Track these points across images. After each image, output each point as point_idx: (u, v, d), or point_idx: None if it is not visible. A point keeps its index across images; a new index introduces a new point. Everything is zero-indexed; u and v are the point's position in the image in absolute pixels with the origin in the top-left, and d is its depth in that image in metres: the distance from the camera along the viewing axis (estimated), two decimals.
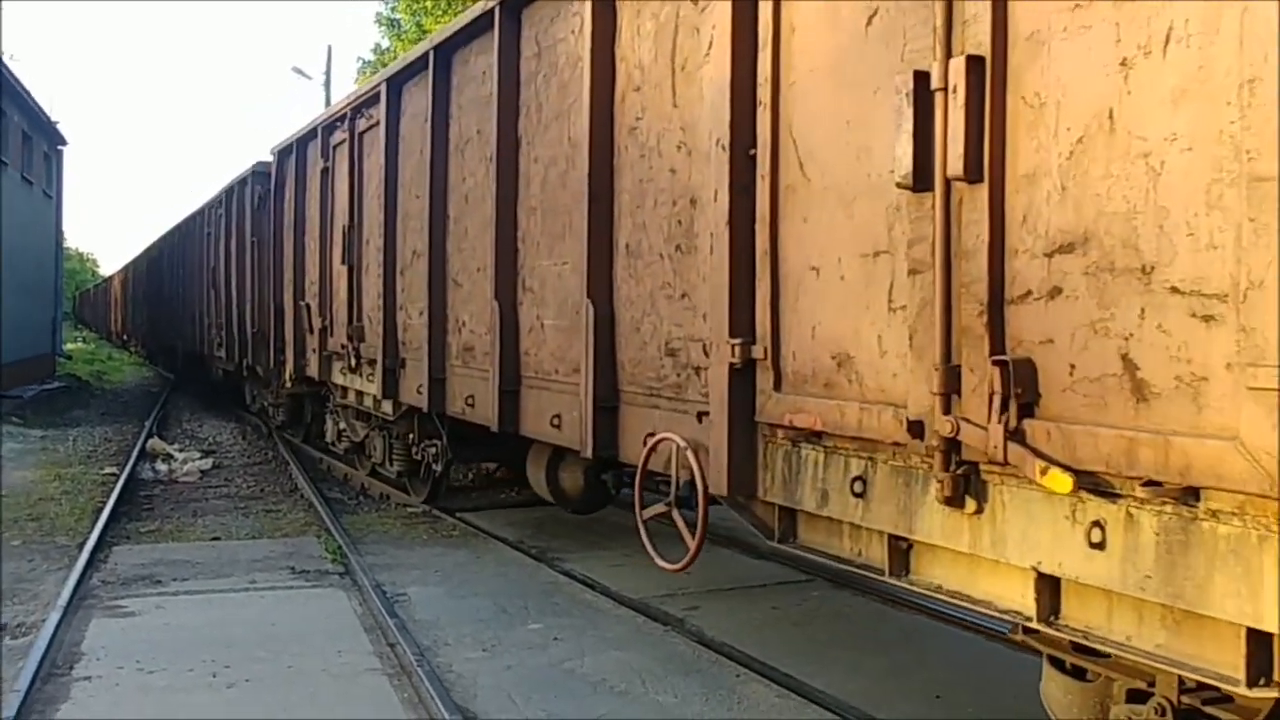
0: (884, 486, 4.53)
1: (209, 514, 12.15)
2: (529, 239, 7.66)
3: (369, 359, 11.22)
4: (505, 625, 7.69)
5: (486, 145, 8.28)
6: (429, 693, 6.08)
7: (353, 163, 11.68)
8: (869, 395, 4.56)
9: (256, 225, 16.88)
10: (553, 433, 7.27)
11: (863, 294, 4.58)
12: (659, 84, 6.08)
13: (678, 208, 5.90)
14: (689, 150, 5.80)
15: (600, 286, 6.59)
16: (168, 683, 6.40)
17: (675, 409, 5.97)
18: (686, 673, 6.67)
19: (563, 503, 8.48)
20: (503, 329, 7.84)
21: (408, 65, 9.89)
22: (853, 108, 4.63)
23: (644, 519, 6.12)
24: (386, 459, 12.23)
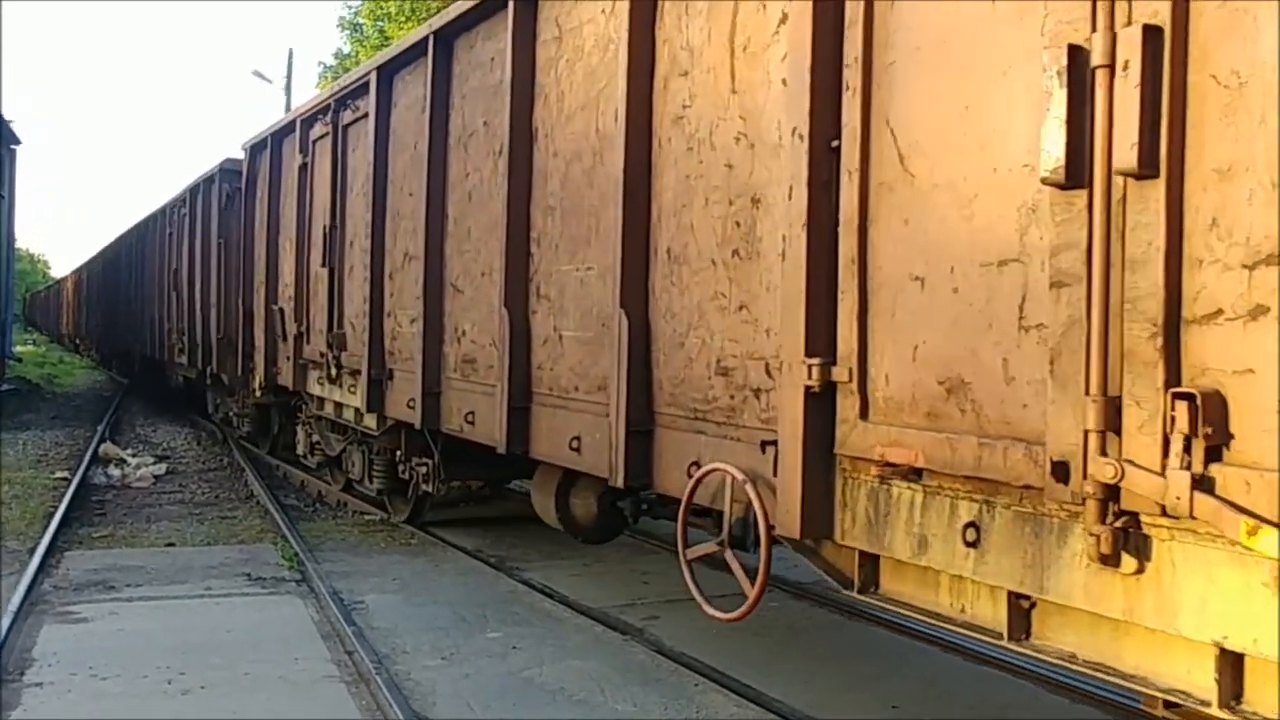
0: (1005, 536, 3.84)
1: (163, 520, 12.01)
2: (545, 241, 6.92)
3: (351, 369, 10.40)
4: (464, 633, 7.67)
5: (496, 138, 7.53)
6: (387, 700, 6.05)
7: (335, 158, 10.86)
8: (989, 428, 3.87)
9: (224, 225, 15.97)
10: (571, 457, 6.54)
11: (984, 310, 3.89)
12: (713, 67, 5.37)
13: (735, 207, 5.19)
14: (751, 142, 5.09)
15: (635, 296, 5.87)
16: (122, 689, 6.33)
17: (726, 435, 5.26)
18: (645, 682, 6.70)
19: (573, 531, 7.74)
20: (513, 340, 7.09)
21: (402, 52, 9.12)
22: (974, 91, 3.94)
23: (688, 559, 5.40)
24: (366, 475, 11.44)
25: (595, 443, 6.27)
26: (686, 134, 5.56)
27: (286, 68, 35.69)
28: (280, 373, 13.07)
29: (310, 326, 11.84)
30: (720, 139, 5.30)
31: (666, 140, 5.73)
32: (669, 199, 5.69)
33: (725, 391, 5.26)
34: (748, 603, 4.97)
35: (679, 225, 5.60)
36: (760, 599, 4.94)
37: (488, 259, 7.64)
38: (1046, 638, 3.91)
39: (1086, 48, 3.41)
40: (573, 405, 6.58)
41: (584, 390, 6.45)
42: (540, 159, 6.99)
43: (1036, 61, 3.67)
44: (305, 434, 13.53)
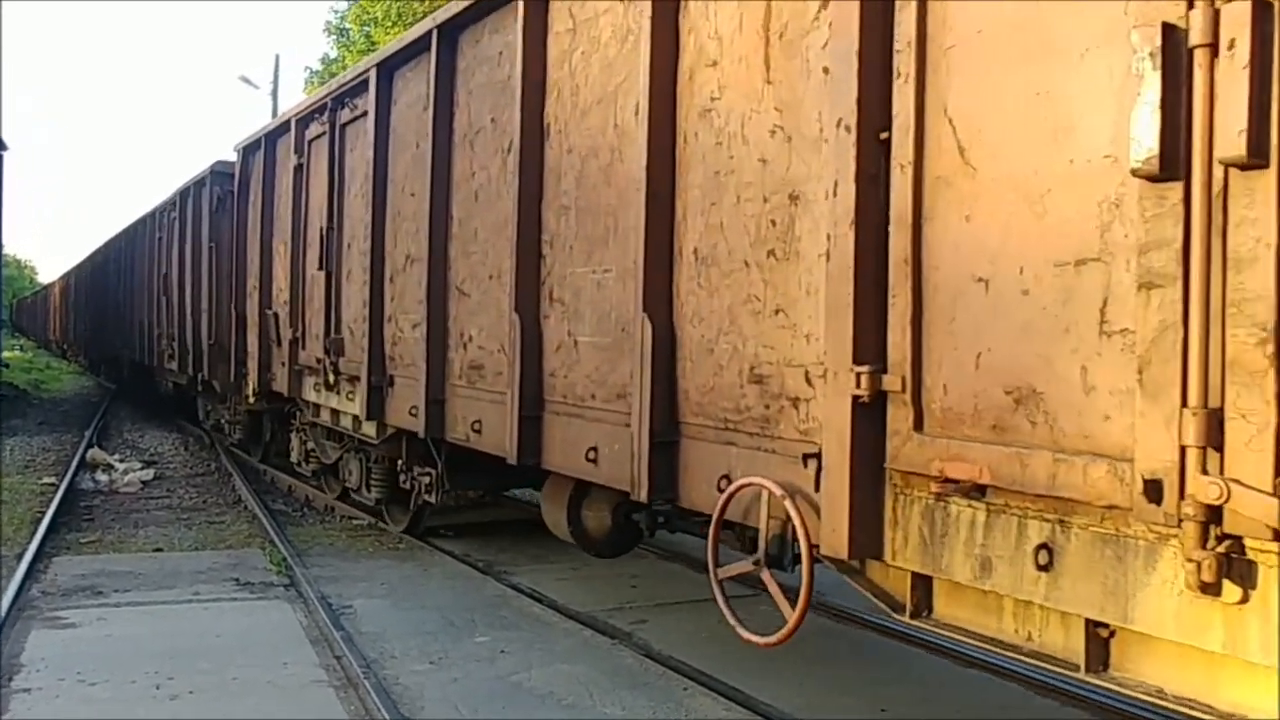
0: (1082, 559, 3.52)
1: (151, 525, 11.93)
2: (559, 242, 6.58)
3: (350, 375, 10.04)
4: (452, 638, 7.62)
5: (504, 135, 7.19)
6: (375, 705, 6.01)
7: (333, 158, 10.48)
8: (1065, 442, 3.55)
9: (215, 229, 15.56)
10: (588, 468, 6.19)
11: (1059, 313, 3.56)
12: (745, 57, 5.04)
13: (770, 205, 4.85)
14: (788, 135, 4.76)
15: (658, 299, 5.53)
16: (110, 695, 6.28)
17: (760, 447, 4.93)
18: (634, 686, 6.66)
19: (586, 545, 7.39)
20: (524, 346, 6.74)
21: (403, 48, 8.75)
22: (1046, 76, 3.62)
23: (720, 579, 5.07)
24: (364, 484, 11.07)
25: (614, 454, 5.93)
26: (715, 128, 5.22)
27: (273, 73, 35.26)
28: (275, 379, 12.68)
29: (306, 331, 11.46)
30: (753, 132, 4.97)
31: (693, 135, 5.39)
32: (695, 196, 5.36)
33: (759, 401, 4.93)
34: (788, 626, 4.65)
35: (707, 224, 5.27)
36: (802, 622, 4.61)
37: (496, 261, 7.29)
38: (1127, 669, 3.59)
39: (1183, 26, 3.09)
40: (589, 414, 6.24)
41: (601, 399, 6.12)
42: (553, 156, 6.65)
43: (1119, 43, 3.36)
44: (300, 441, 13.17)
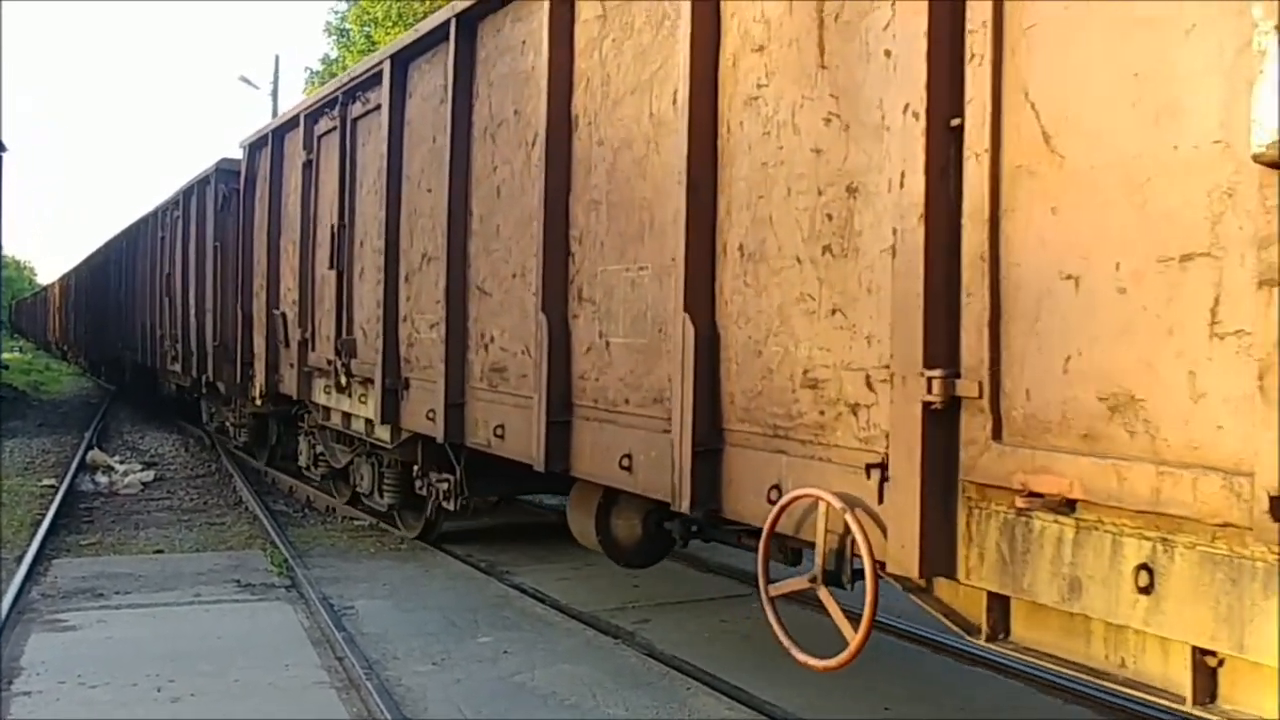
0: (1189, 581, 3.22)
1: (152, 526, 11.82)
2: (588, 239, 6.27)
3: (362, 378, 9.73)
4: (455, 638, 7.58)
5: (529, 127, 6.88)
6: (378, 706, 6.00)
7: (344, 153, 10.16)
8: (1169, 454, 3.25)
9: (220, 228, 15.26)
10: (622, 476, 5.89)
11: (1162, 313, 3.26)
12: (796, 40, 4.73)
13: (825, 198, 4.55)
14: (845, 124, 4.46)
15: (700, 298, 5.22)
16: (111, 697, 6.23)
17: (814, 456, 4.63)
18: (637, 685, 6.64)
19: (615, 555, 7.09)
20: (551, 348, 6.43)
21: (419, 38, 8.43)
22: (1146, 55, 3.32)
23: (771, 595, 4.77)
24: (375, 489, 10.78)
25: (651, 461, 5.63)
26: (762, 116, 4.92)
27: (273, 74, 34.98)
28: (282, 381, 12.37)
29: (316, 332, 11.14)
30: (805, 121, 4.67)
31: (737, 124, 5.09)
32: (741, 189, 5.05)
33: (814, 407, 4.62)
34: (850, 649, 4.33)
35: (754, 219, 4.96)
36: (865, 644, 4.30)
37: (520, 259, 6.99)
38: (1238, 701, 3.29)
39: None
40: (622, 420, 5.94)
41: (636, 403, 5.82)
42: (581, 149, 6.35)
43: (1231, 17, 3.06)
44: (309, 445, 12.88)
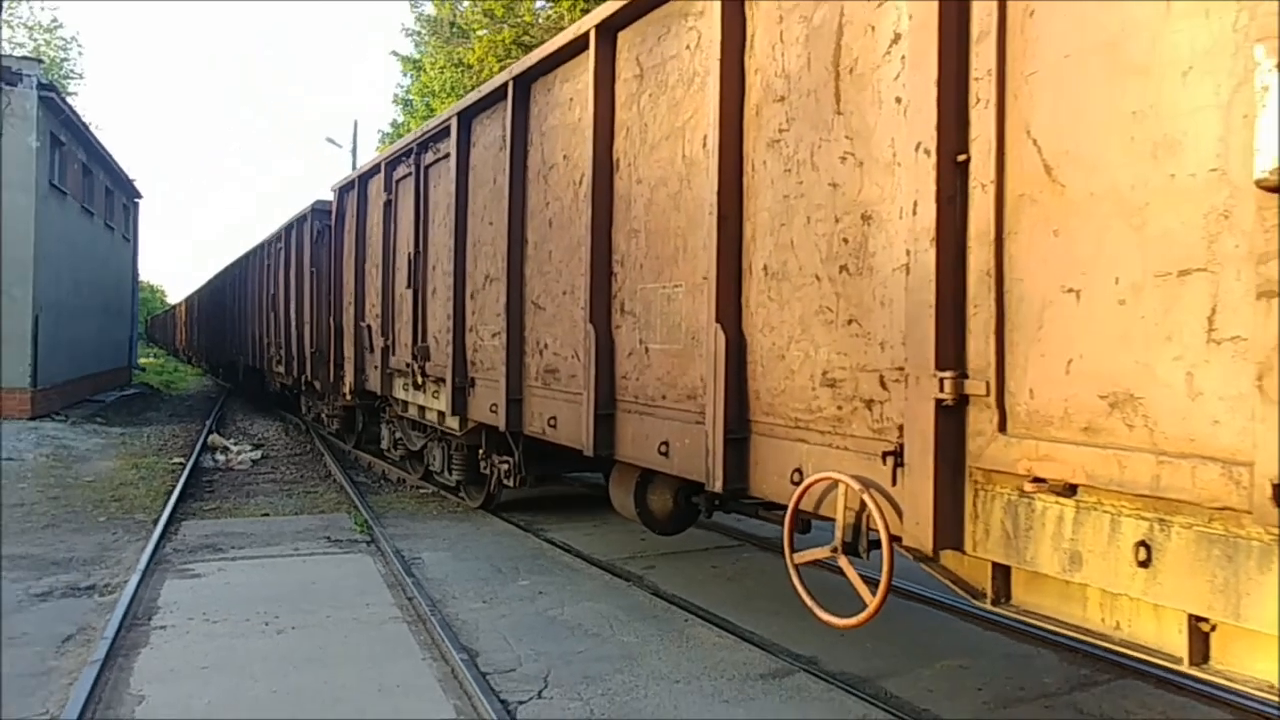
0: (1186, 557, 2.91)
1: (259, 495, 11.70)
2: (629, 262, 5.96)
3: (436, 377, 9.42)
4: (500, 582, 7.55)
5: (576, 169, 6.57)
6: (440, 636, 5.99)
7: (418, 194, 9.86)
8: (1168, 446, 2.93)
9: (315, 257, 14.93)
10: (660, 460, 5.58)
11: (1160, 322, 2.95)
12: (813, 91, 4.41)
13: (841, 225, 4.23)
14: (859, 161, 4.14)
15: (729, 310, 4.91)
16: (229, 630, 6.25)
17: (832, 444, 4.31)
18: (645, 618, 6.62)
19: (650, 524, 6.77)
20: (598, 353, 6.12)
21: (481, 98, 8.13)
22: (1144, 95, 3.00)
23: (796, 563, 4.44)
24: (445, 468, 10.46)
25: (686, 448, 5.32)
26: (784, 156, 4.60)
27: (353, 135, 34.76)
28: (368, 380, 12.07)
29: (396, 340, 10.84)
30: (823, 160, 4.35)
31: (761, 163, 4.77)
32: (764, 219, 4.73)
33: (832, 402, 4.31)
34: (870, 609, 4.01)
35: (777, 243, 4.64)
36: (882, 606, 3.99)
37: (569, 279, 6.68)
38: (1229, 663, 2.98)
39: None
40: (659, 412, 5.63)
41: (672, 399, 5.50)
42: (622, 186, 6.03)
43: (1225, 59, 2.75)
44: (389, 432, 12.56)
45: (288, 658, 5.73)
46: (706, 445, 4.98)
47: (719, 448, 4.88)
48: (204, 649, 5.84)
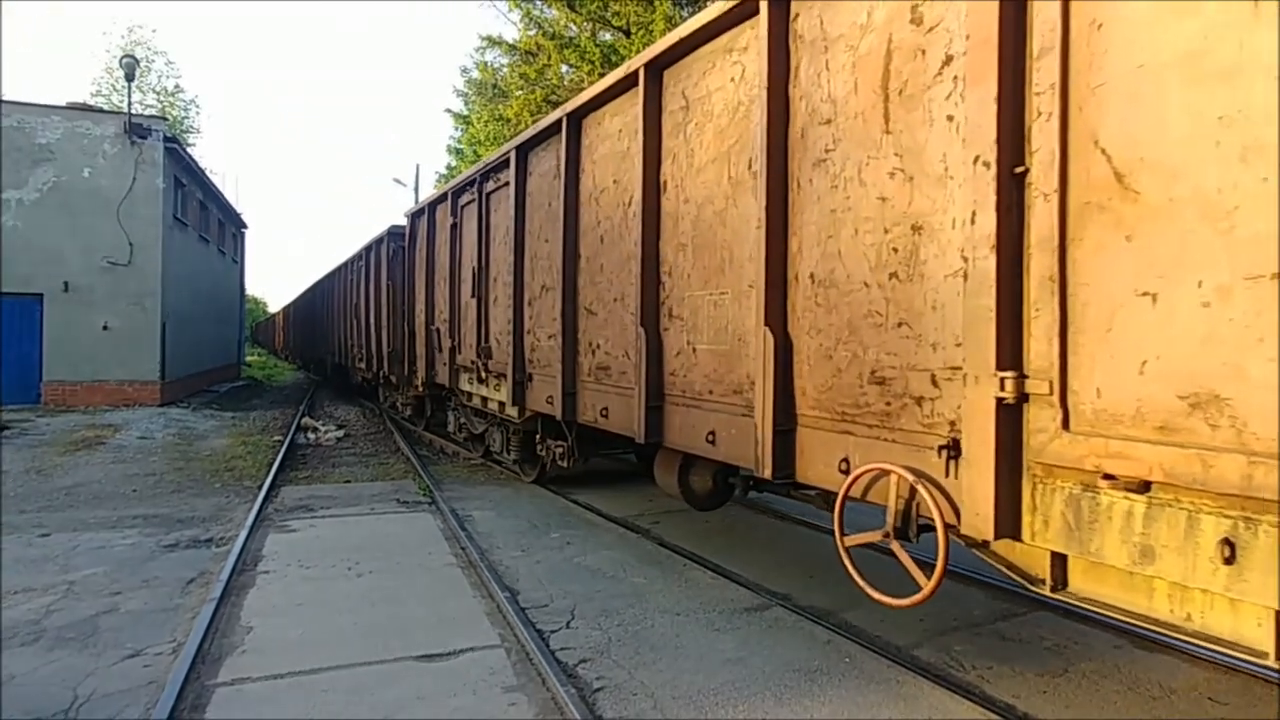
0: (1274, 556, 2.36)
1: (342, 465, 11.53)
2: (676, 272, 5.40)
3: (497, 373, 8.88)
4: (535, 536, 7.44)
5: (625, 192, 6.01)
6: (488, 578, 5.96)
7: (481, 217, 9.29)
8: (1258, 446, 2.38)
9: (391, 272, 14.36)
10: (706, 447, 5.02)
11: (1251, 324, 2.39)
12: (861, 114, 3.86)
13: (891, 235, 3.68)
14: (909, 176, 3.58)
15: (776, 315, 4.36)
16: (319, 574, 6.21)
17: (879, 437, 3.76)
18: (652, 564, 6.53)
19: (691, 501, 6.23)
20: (649, 352, 5.57)
21: (536, 134, 7.57)
22: (1232, 100, 2.44)
23: (846, 546, 3.89)
24: (504, 449, 9.92)
25: (732, 437, 4.77)
26: (830, 174, 4.04)
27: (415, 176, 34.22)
28: (437, 374, 11.50)
29: (461, 341, 10.27)
30: (871, 176, 3.79)
31: (806, 181, 4.21)
32: (811, 231, 4.17)
33: (880, 399, 3.75)
34: (925, 590, 3.47)
35: (824, 253, 4.08)
36: (937, 589, 3.44)
37: (619, 288, 6.12)
38: None
39: None
40: (706, 405, 5.08)
41: (718, 393, 4.95)
42: (670, 205, 5.47)
43: None
44: (455, 418, 12.01)
45: (366, 596, 5.68)
46: (755, 436, 4.43)
47: (768, 438, 4.33)
48: (299, 589, 5.79)
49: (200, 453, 12.55)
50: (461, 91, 30.17)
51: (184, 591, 5.74)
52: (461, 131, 31.39)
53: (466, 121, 30.03)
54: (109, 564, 6.36)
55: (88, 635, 4.87)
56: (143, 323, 18.04)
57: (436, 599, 5.61)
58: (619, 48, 20.45)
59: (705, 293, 5.06)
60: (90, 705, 3.96)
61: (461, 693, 4.12)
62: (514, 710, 3.93)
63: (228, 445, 13.37)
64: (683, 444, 5.32)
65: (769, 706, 4.01)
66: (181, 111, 39.71)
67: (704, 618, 5.28)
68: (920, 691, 4.18)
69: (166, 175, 18.65)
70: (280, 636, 4.89)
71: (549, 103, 21.41)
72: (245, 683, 4.22)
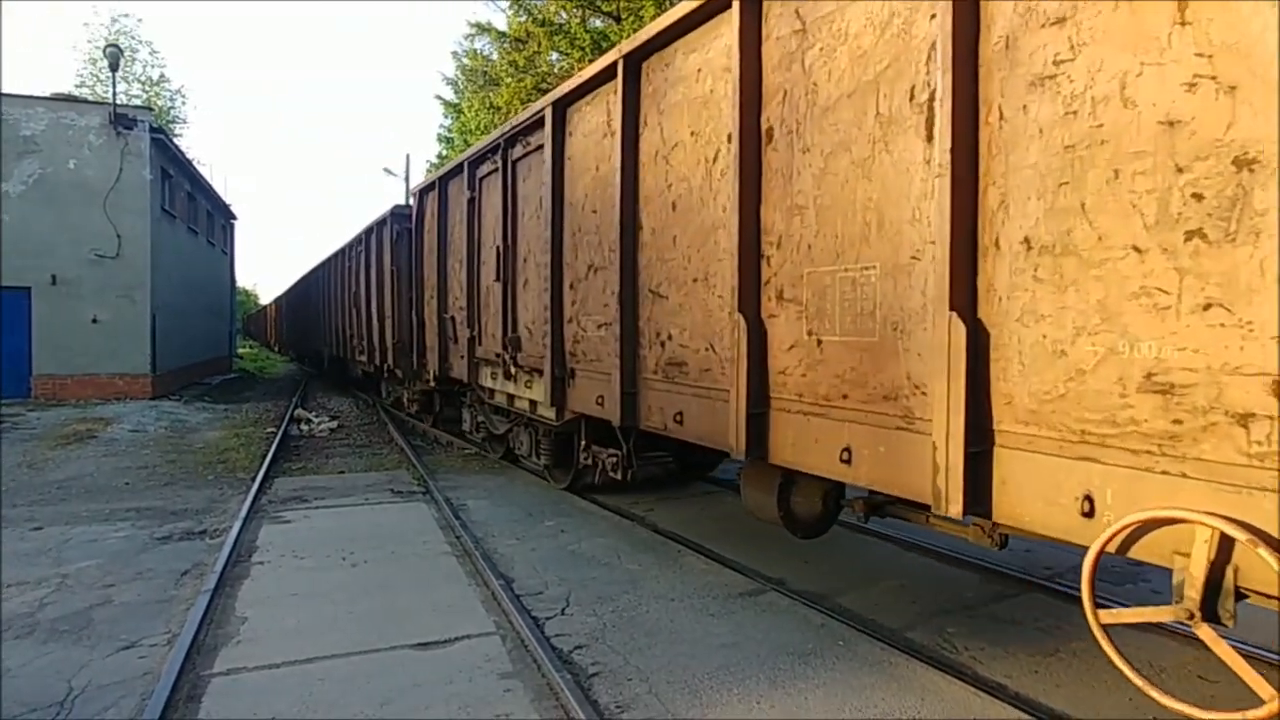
0: None
1: (336, 456, 11.19)
2: (788, 243, 4.20)
3: (529, 368, 7.65)
4: (530, 524, 7.24)
5: (709, 145, 4.80)
6: (483, 566, 5.82)
7: (505, 188, 8.02)
8: None
9: (395, 256, 12.96)
10: (841, 469, 3.84)
11: None
12: (1119, 3, 2.66)
13: (1191, 175, 2.48)
14: (1228, 85, 2.39)
15: (963, 295, 3.18)
16: (314, 564, 6.09)
17: (1152, 468, 2.59)
18: (646, 550, 6.39)
19: (792, 527, 5.03)
20: (749, 345, 4.38)
21: (580, 85, 6.30)
22: None
23: (1105, 624, 2.73)
24: (533, 452, 8.72)
25: (881, 457, 3.60)
26: (1063, 96, 2.85)
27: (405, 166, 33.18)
28: (452, 368, 10.21)
29: (483, 331, 8.99)
30: (1145, 92, 2.60)
31: (1018, 109, 3.01)
32: (1026, 178, 2.98)
33: (1160, 414, 2.58)
34: (1268, 708, 2.30)
35: (1051, 208, 2.90)
36: None
37: (700, 265, 4.92)
38: None
39: None
40: (836, 414, 3.89)
41: (858, 400, 3.76)
42: (778, 159, 4.26)
43: None
44: (471, 415, 10.80)
45: (361, 585, 5.57)
46: (936, 461, 3.24)
47: (955, 463, 3.15)
48: (294, 580, 5.68)
49: (193, 445, 12.15)
50: (451, 79, 29.49)
51: (178, 583, 5.60)
52: (452, 120, 30.47)
53: (457, 110, 29.21)
54: (102, 557, 6.21)
55: (82, 628, 4.77)
56: (132, 315, 17.65)
57: (432, 587, 5.49)
58: (609, 34, 20.03)
59: (837, 268, 3.86)
60: (85, 696, 3.88)
61: (457, 680, 4.04)
62: (510, 697, 3.86)
63: (220, 437, 12.93)
64: (806, 463, 4.13)
65: (763, 689, 3.95)
66: (167, 101, 38.71)
67: (698, 603, 5.18)
68: (913, 673, 4.14)
69: (153, 166, 18.17)
70: (275, 626, 4.79)
71: (539, 90, 20.84)
72: (241, 672, 4.14)
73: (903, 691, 3.90)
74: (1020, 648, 4.49)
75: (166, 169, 19.82)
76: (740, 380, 4.39)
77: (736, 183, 4.38)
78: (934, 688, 3.95)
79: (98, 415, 14.87)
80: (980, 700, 3.82)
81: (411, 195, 11.74)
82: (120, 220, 17.42)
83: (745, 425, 4.36)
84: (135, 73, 37.50)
